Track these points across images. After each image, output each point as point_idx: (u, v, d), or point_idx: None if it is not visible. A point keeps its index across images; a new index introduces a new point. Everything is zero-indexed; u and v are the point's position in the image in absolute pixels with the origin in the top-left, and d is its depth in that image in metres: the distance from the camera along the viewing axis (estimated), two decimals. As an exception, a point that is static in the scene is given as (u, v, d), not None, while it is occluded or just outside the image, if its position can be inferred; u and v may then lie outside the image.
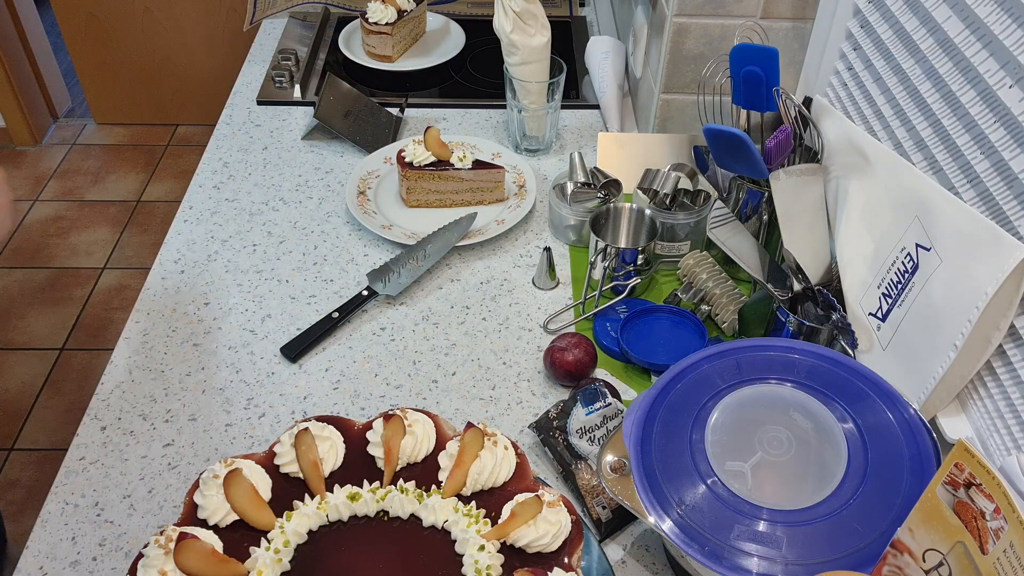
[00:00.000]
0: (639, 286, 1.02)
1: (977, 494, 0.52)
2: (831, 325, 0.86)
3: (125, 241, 2.54)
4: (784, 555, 0.62)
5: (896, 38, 0.87)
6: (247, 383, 0.93)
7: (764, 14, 1.10)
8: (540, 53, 1.19)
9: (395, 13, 1.43)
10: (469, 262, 1.09)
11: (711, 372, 0.75)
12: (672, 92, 1.19)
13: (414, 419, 0.73)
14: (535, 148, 1.27)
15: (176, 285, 1.05)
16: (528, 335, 0.99)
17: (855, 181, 0.87)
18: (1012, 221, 0.69)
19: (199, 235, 1.12)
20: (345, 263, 1.08)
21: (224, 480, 0.68)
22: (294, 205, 1.17)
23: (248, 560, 0.65)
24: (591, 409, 0.84)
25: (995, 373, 0.73)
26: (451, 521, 0.68)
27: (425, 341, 0.98)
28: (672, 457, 0.69)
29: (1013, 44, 0.68)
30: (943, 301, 0.74)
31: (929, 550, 0.56)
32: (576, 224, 1.10)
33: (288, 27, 1.56)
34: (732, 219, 0.96)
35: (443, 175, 1.13)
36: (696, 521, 0.65)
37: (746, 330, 0.96)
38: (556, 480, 0.84)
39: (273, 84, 1.41)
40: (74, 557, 0.77)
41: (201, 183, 1.20)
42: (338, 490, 0.70)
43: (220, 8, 2.71)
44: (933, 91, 0.80)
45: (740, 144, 0.86)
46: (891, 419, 0.69)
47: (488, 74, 1.47)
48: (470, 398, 0.92)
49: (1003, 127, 0.70)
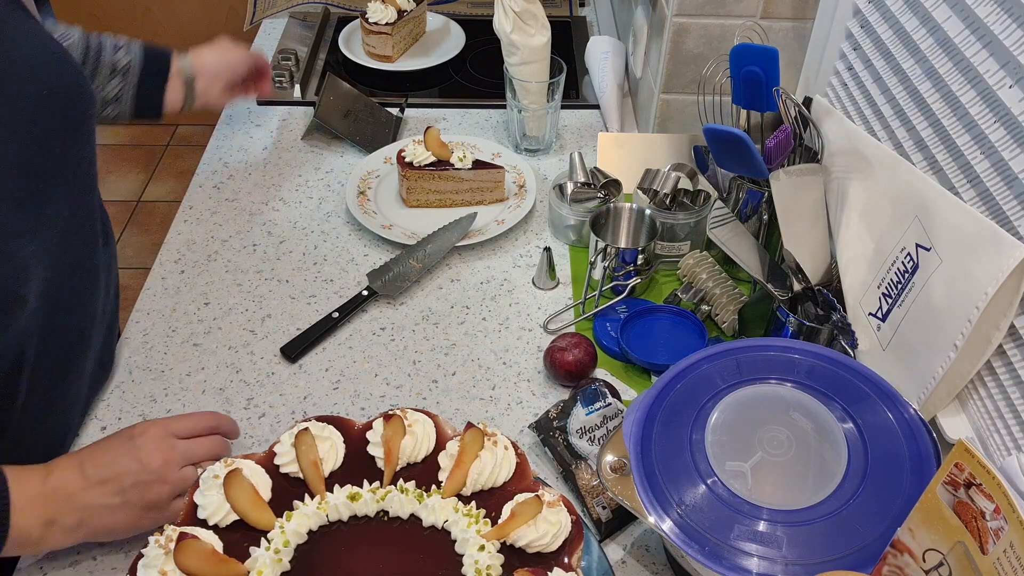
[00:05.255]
0: (639, 286, 1.02)
1: (977, 494, 0.52)
2: (831, 325, 0.86)
3: (125, 241, 2.54)
4: (784, 555, 0.62)
5: (896, 38, 0.87)
6: (247, 383, 0.93)
7: (764, 14, 1.10)
8: (540, 53, 1.19)
9: (395, 13, 1.43)
10: (469, 262, 1.09)
11: (711, 372, 0.75)
12: (672, 92, 1.19)
13: (414, 419, 0.73)
14: (535, 148, 1.27)
15: (176, 285, 1.05)
16: (528, 335, 0.99)
17: (855, 181, 0.87)
18: (1012, 221, 0.69)
19: (199, 235, 1.12)
20: (345, 263, 1.08)
21: (224, 480, 0.68)
22: (294, 205, 1.17)
23: (248, 560, 0.65)
24: (591, 409, 0.84)
25: (995, 373, 0.73)
26: (451, 521, 0.68)
27: (425, 341, 0.98)
28: (672, 457, 0.69)
29: (1013, 44, 0.68)
30: (943, 301, 0.74)
31: (929, 550, 0.56)
32: (576, 224, 1.10)
33: (288, 27, 1.56)
34: (732, 219, 0.95)
35: (443, 175, 1.13)
36: (696, 521, 0.65)
37: (746, 330, 0.96)
38: (556, 480, 0.84)
39: (273, 84, 1.41)
40: (74, 557, 0.77)
41: (201, 183, 1.20)
42: (338, 490, 0.69)
43: (220, 8, 2.71)
44: (933, 91, 0.80)
45: (740, 144, 0.86)
46: (891, 419, 0.69)
47: (488, 74, 1.47)
48: (470, 398, 0.92)
49: (1003, 127, 0.70)
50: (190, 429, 0.76)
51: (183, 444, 0.75)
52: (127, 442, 0.73)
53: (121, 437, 0.74)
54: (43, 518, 0.68)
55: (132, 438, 0.73)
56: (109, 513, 0.71)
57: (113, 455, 0.72)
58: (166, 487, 0.72)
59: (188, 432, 0.76)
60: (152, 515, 0.72)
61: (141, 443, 0.73)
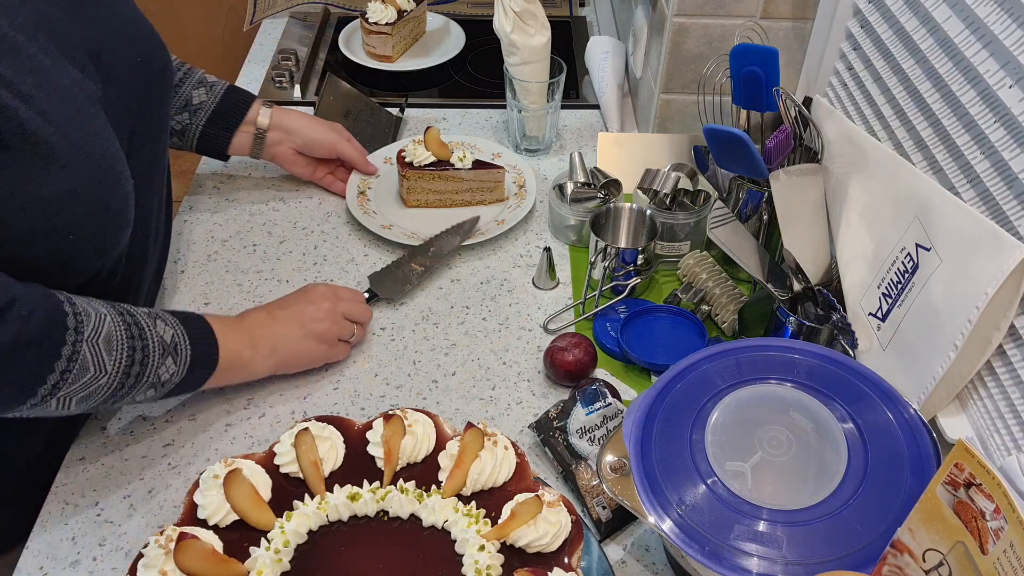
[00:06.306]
0: (639, 286, 1.02)
1: (977, 494, 0.52)
2: (831, 325, 0.86)
3: (125, 241, 2.54)
4: (784, 555, 0.62)
5: (896, 38, 0.87)
6: (247, 383, 0.93)
7: (764, 14, 1.10)
8: (540, 53, 1.19)
9: (395, 13, 1.43)
10: (469, 262, 1.09)
11: (711, 372, 0.75)
12: (672, 92, 1.19)
13: (414, 419, 0.73)
14: (535, 148, 1.27)
15: (176, 285, 1.05)
16: (528, 335, 0.99)
17: (855, 181, 0.87)
18: (1012, 221, 0.69)
19: (199, 235, 1.12)
20: (345, 263, 1.08)
21: (224, 480, 0.68)
22: (294, 205, 1.17)
23: (248, 560, 0.65)
24: (591, 409, 0.84)
25: (995, 373, 0.73)
26: (451, 521, 0.68)
27: (425, 341, 0.98)
28: (672, 457, 0.69)
29: (1013, 44, 0.68)
30: (943, 301, 0.74)
31: (929, 550, 0.56)
32: (576, 224, 1.10)
33: (288, 27, 1.56)
34: (732, 219, 0.95)
35: (443, 175, 1.13)
36: (696, 521, 0.65)
37: (746, 330, 0.96)
38: (556, 480, 0.84)
39: (273, 84, 1.41)
40: (74, 557, 0.77)
41: (201, 183, 1.20)
42: (338, 490, 0.70)
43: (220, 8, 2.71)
44: (933, 91, 0.80)
45: (740, 144, 0.86)
46: (891, 419, 0.69)
47: (488, 74, 1.47)
48: (470, 398, 0.92)
49: (1003, 127, 0.70)
50: (348, 294, 0.95)
51: (343, 303, 0.93)
52: (303, 295, 0.92)
53: (295, 293, 0.93)
54: (247, 343, 0.86)
55: (305, 291, 0.93)
56: (293, 342, 0.89)
57: (292, 302, 0.91)
58: (335, 327, 0.91)
59: (347, 297, 0.94)
60: (323, 347, 0.91)
61: (313, 295, 0.92)
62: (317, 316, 0.90)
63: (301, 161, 1.16)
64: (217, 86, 1.08)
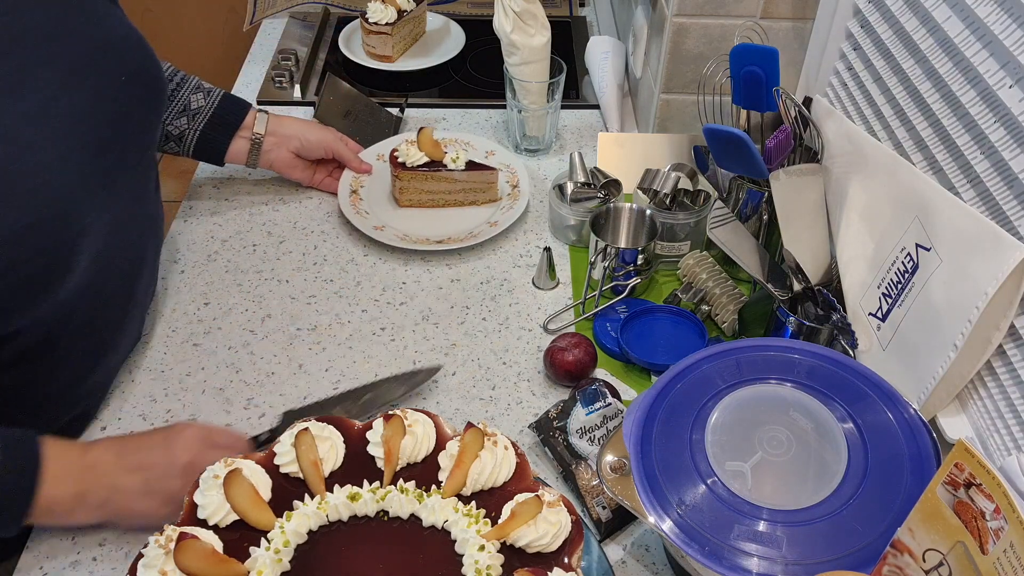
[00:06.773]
0: (639, 286, 1.02)
1: (977, 494, 0.52)
2: (831, 325, 0.86)
3: (125, 241, 2.54)
4: (784, 555, 0.62)
5: (896, 38, 0.87)
6: (247, 383, 0.93)
7: (764, 14, 1.10)
8: (540, 53, 1.19)
9: (395, 13, 1.43)
10: (469, 262, 1.09)
11: (711, 372, 0.75)
12: (672, 92, 1.19)
13: (414, 419, 0.73)
14: (535, 148, 1.27)
15: (176, 285, 1.05)
16: (528, 335, 0.99)
17: (855, 181, 0.87)
18: (1012, 221, 0.69)
19: (199, 235, 1.12)
20: (345, 263, 1.08)
21: (224, 480, 0.68)
22: (294, 205, 1.17)
23: (248, 560, 0.65)
24: (591, 409, 0.84)
25: (995, 373, 0.73)
26: (451, 521, 0.68)
27: (425, 341, 0.98)
28: (672, 457, 0.69)
29: (1013, 44, 0.68)
30: (943, 301, 0.74)
31: (929, 550, 0.56)
32: (576, 224, 1.10)
33: (288, 27, 1.56)
34: (732, 219, 0.95)
35: (436, 176, 1.13)
36: (696, 521, 0.65)
37: (746, 330, 0.96)
38: (556, 480, 0.84)
39: (273, 84, 1.41)
40: (74, 557, 0.77)
41: (201, 183, 1.20)
42: (338, 490, 0.69)
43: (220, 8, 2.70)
44: (933, 91, 0.80)
45: (740, 144, 0.86)
46: (891, 419, 0.69)
47: (488, 74, 1.47)
48: (470, 398, 0.92)
49: (1003, 127, 0.70)
50: (226, 442, 0.79)
51: (213, 453, 0.75)
52: (164, 437, 0.77)
53: (160, 431, 0.78)
54: (75, 490, 0.73)
55: (169, 434, 0.77)
56: (133, 498, 0.75)
57: (149, 445, 0.77)
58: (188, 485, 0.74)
59: (224, 444, 0.79)
60: (170, 509, 0.75)
61: (176, 440, 0.76)
62: (170, 472, 0.75)
63: (299, 165, 1.16)
64: (214, 92, 1.08)
